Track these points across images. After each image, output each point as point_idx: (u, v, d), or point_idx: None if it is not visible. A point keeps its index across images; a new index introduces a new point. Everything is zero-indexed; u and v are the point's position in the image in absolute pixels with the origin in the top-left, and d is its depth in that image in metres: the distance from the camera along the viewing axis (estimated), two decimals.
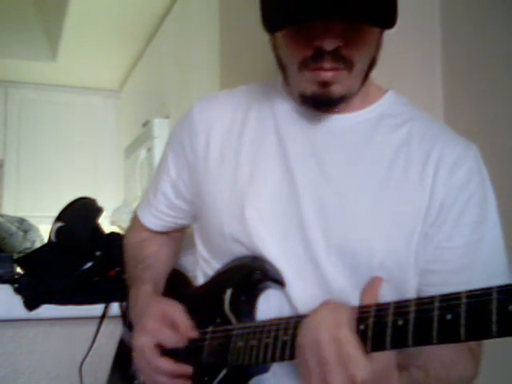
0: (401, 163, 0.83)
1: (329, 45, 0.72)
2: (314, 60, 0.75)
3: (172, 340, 0.82)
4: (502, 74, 1.18)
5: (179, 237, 1.07)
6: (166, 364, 0.81)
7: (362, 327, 0.62)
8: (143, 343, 0.82)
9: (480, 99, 1.23)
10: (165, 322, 0.82)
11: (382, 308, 0.62)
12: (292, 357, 0.69)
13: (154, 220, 1.01)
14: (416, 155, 0.83)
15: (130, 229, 1.09)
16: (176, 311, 0.84)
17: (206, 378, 0.81)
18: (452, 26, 1.30)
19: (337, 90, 0.78)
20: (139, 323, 0.85)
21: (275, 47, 0.83)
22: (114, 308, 1.41)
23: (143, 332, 0.83)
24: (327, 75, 0.76)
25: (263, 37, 0.84)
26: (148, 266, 0.97)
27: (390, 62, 0.84)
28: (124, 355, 0.97)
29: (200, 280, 0.96)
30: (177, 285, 1.00)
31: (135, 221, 1.06)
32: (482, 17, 1.24)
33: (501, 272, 0.82)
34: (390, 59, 0.84)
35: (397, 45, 0.83)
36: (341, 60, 0.75)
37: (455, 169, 0.82)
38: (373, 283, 0.74)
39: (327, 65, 0.75)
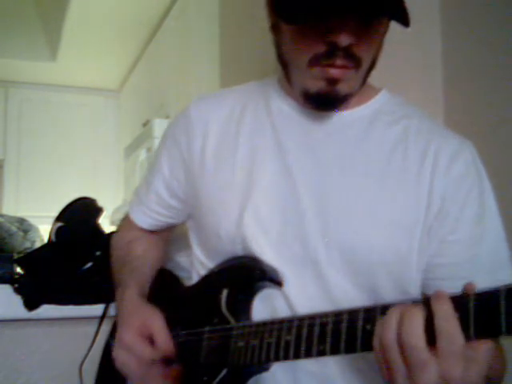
0: (398, 159, 0.83)
1: (344, 41, 0.72)
2: (326, 56, 0.75)
3: (148, 355, 0.80)
4: (503, 73, 1.18)
5: (168, 236, 1.06)
6: (157, 370, 0.81)
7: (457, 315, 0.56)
8: (122, 358, 0.81)
9: (480, 99, 1.23)
10: (142, 335, 0.81)
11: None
12: (296, 356, 0.69)
13: (145, 219, 1.01)
14: (413, 151, 0.83)
15: (119, 228, 1.08)
16: (155, 323, 0.82)
17: (204, 378, 0.81)
18: (452, 26, 1.30)
19: (343, 88, 0.79)
20: (118, 335, 0.84)
21: (279, 44, 0.83)
22: (114, 308, 1.41)
23: (120, 345, 0.82)
24: (337, 72, 0.76)
25: (263, 37, 0.84)
26: (134, 269, 0.96)
27: (390, 61, 0.84)
28: (112, 359, 0.97)
29: (195, 281, 0.95)
30: (166, 285, 0.99)
31: (126, 220, 1.06)
32: (482, 16, 1.24)
33: (505, 263, 0.82)
34: (390, 59, 0.85)
35: (397, 45, 0.83)
36: (351, 58, 0.76)
37: (453, 162, 0.82)
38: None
39: (339, 62, 0.75)
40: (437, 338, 0.55)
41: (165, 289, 0.97)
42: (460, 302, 0.56)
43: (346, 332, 0.64)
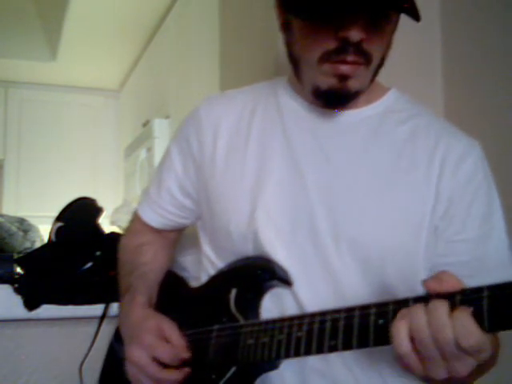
0: (407, 158, 0.84)
1: (355, 36, 0.73)
2: (337, 52, 0.76)
3: (168, 355, 0.81)
4: (502, 73, 1.18)
5: (177, 238, 1.07)
6: (170, 374, 0.81)
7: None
8: (140, 358, 0.81)
9: (480, 99, 1.23)
10: (160, 337, 0.82)
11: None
12: (307, 352, 0.69)
13: (156, 217, 1.01)
14: (421, 150, 0.84)
15: (127, 231, 1.08)
16: (170, 327, 0.83)
17: (213, 376, 0.81)
18: (452, 26, 1.30)
19: (354, 84, 0.79)
20: (135, 337, 0.84)
21: (290, 42, 0.83)
22: (114, 308, 1.41)
23: (139, 346, 0.82)
24: (348, 68, 0.77)
25: (263, 37, 0.84)
26: (143, 275, 0.96)
27: (390, 61, 0.85)
28: (115, 362, 0.96)
29: (204, 281, 0.95)
30: (173, 286, 0.99)
31: (133, 223, 1.06)
32: (482, 16, 1.24)
33: (509, 262, 0.83)
34: (390, 59, 0.85)
35: (397, 44, 0.83)
36: (362, 54, 0.76)
37: (461, 163, 0.83)
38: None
39: (350, 58, 0.76)
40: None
41: (171, 290, 0.97)
42: (473, 295, 0.57)
43: (358, 327, 0.64)
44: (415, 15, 0.72)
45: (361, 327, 0.64)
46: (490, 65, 1.21)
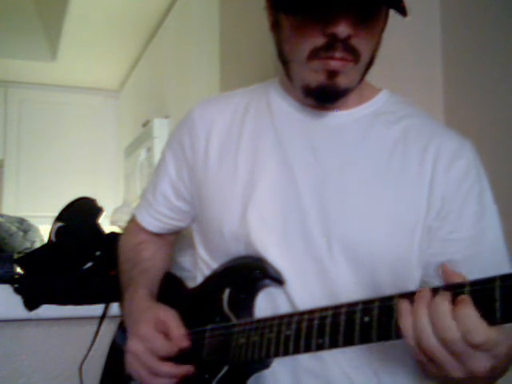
0: (399, 157, 0.84)
1: (343, 32, 0.74)
2: (326, 49, 0.76)
3: (163, 348, 0.81)
4: (502, 73, 1.18)
5: (173, 240, 1.07)
6: (168, 368, 0.80)
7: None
8: (137, 349, 0.81)
9: (480, 99, 1.23)
10: (158, 329, 0.82)
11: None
12: (296, 350, 0.69)
13: (152, 221, 1.01)
14: (413, 149, 0.84)
15: (126, 231, 1.09)
16: (169, 317, 0.83)
17: (206, 376, 0.81)
18: (452, 26, 1.30)
19: (343, 81, 0.79)
20: (133, 329, 0.85)
21: (279, 41, 0.84)
22: (114, 308, 1.41)
23: (136, 337, 0.83)
24: (337, 64, 0.77)
25: (263, 37, 0.84)
26: (144, 270, 0.97)
27: (390, 61, 0.85)
28: (118, 356, 0.97)
29: (199, 282, 0.96)
30: (170, 286, 0.99)
31: (132, 223, 1.06)
32: (483, 15, 1.24)
33: (504, 261, 0.83)
34: (391, 58, 0.85)
35: (397, 44, 0.84)
36: (350, 50, 0.77)
37: (453, 162, 0.83)
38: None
39: (338, 54, 0.76)
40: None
41: (168, 290, 0.98)
42: (483, 286, 0.56)
43: (344, 325, 0.65)
44: (402, 11, 0.73)
45: (346, 325, 0.65)
46: (490, 64, 1.21)
